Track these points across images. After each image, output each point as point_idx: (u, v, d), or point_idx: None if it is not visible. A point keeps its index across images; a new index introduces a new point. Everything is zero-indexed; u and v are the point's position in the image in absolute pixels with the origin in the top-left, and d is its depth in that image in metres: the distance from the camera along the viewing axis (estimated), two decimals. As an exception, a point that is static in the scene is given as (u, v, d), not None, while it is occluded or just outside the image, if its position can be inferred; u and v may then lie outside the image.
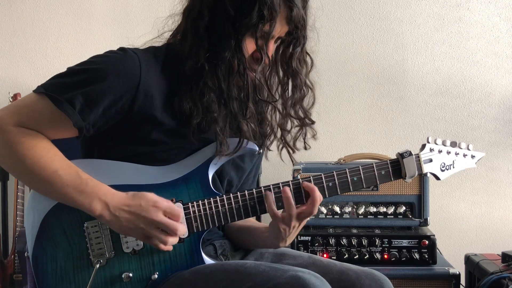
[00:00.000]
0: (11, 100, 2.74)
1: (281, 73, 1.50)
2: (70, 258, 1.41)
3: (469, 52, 2.87)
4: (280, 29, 1.41)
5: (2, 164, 1.39)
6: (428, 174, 1.55)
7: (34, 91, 1.38)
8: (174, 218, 1.36)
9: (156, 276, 1.41)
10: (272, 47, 1.43)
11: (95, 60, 1.40)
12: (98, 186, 1.36)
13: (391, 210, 2.33)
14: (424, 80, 2.89)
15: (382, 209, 2.34)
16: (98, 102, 1.35)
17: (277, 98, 1.51)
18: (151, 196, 1.36)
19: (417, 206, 2.31)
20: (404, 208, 2.33)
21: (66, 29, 2.98)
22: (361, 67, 2.91)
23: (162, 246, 1.37)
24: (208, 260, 1.45)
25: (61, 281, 1.41)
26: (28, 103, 1.38)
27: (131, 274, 1.41)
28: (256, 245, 1.63)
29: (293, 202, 1.42)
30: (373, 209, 2.34)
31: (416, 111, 2.89)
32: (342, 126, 2.92)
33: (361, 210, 2.35)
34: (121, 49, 1.42)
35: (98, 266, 1.40)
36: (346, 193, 2.31)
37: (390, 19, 2.89)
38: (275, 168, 1.56)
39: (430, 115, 2.89)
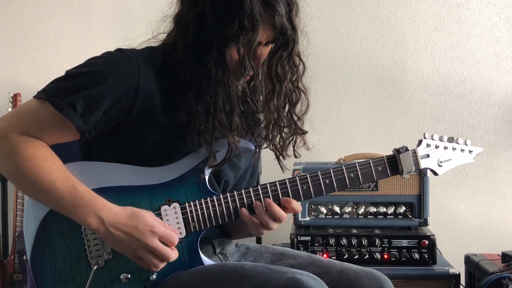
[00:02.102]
0: (11, 100, 2.74)
1: (269, 79, 1.47)
2: (68, 260, 1.41)
3: (469, 52, 2.86)
4: (265, 35, 1.38)
5: (2, 171, 1.39)
6: (428, 172, 1.55)
7: (34, 97, 1.37)
8: (169, 244, 1.36)
9: (154, 276, 1.41)
10: (259, 53, 1.41)
11: (93, 62, 1.40)
12: (94, 199, 1.35)
13: (391, 210, 2.33)
14: (424, 80, 2.88)
15: (382, 209, 2.34)
16: (99, 105, 1.35)
17: (261, 109, 1.49)
18: (149, 218, 1.36)
19: (417, 206, 2.31)
20: (404, 208, 2.33)
21: (66, 29, 2.98)
22: (361, 67, 2.90)
23: (152, 268, 1.38)
24: (206, 260, 1.45)
25: (60, 283, 1.41)
26: (29, 109, 1.38)
27: (129, 275, 1.41)
28: (240, 236, 1.66)
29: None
30: (373, 209, 2.34)
31: (416, 111, 2.89)
32: (342, 126, 2.92)
33: (361, 210, 2.35)
34: (119, 50, 1.42)
35: (96, 267, 1.40)
36: (346, 194, 2.33)
37: (390, 19, 2.89)
38: (275, 168, 1.56)
39: (430, 115, 2.89)
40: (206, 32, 1.35)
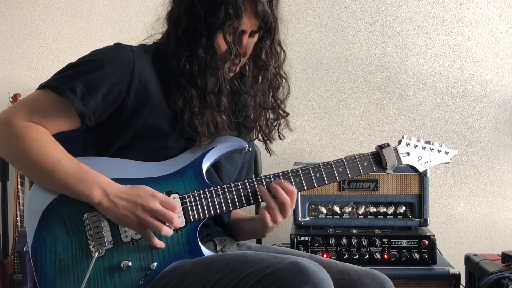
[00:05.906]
0: (11, 100, 2.74)
1: (254, 66, 1.60)
2: (69, 250, 1.44)
3: (469, 52, 2.87)
4: (250, 24, 1.49)
5: (8, 156, 1.45)
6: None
7: (37, 88, 1.46)
8: (170, 209, 1.41)
9: (154, 265, 1.45)
10: (245, 42, 1.52)
11: (91, 53, 1.51)
12: (98, 175, 1.43)
13: (391, 210, 2.33)
14: (424, 80, 2.88)
15: (382, 209, 2.34)
16: (98, 89, 1.43)
17: (247, 90, 1.60)
18: (149, 188, 1.43)
19: (417, 206, 2.31)
20: (404, 208, 2.33)
21: (66, 29, 2.98)
22: (361, 67, 2.91)
23: (155, 242, 1.42)
24: (205, 250, 1.49)
25: (60, 273, 1.43)
26: (32, 98, 1.47)
27: (130, 263, 1.44)
28: (246, 237, 1.72)
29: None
30: (373, 209, 2.34)
31: (416, 111, 2.89)
32: (342, 126, 2.92)
33: (361, 210, 2.35)
34: (115, 44, 1.52)
35: (97, 254, 1.42)
36: (346, 194, 2.33)
37: (390, 19, 2.89)
38: (275, 167, 1.58)
39: (430, 115, 2.89)
40: (195, 22, 1.47)
